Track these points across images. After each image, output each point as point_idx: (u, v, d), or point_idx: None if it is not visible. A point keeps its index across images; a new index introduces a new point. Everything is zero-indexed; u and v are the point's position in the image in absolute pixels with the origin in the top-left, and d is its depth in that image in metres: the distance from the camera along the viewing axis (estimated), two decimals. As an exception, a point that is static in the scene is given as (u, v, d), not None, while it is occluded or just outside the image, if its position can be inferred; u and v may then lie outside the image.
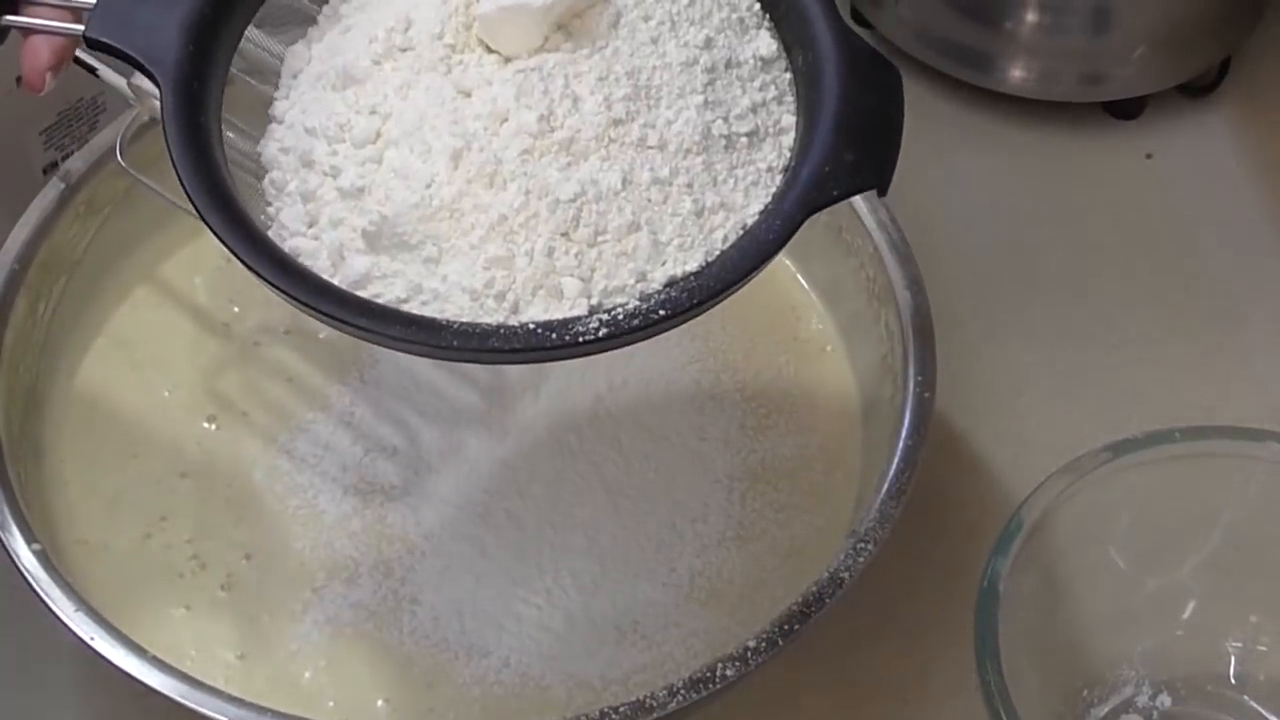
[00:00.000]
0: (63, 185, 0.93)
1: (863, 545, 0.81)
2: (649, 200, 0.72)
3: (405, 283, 0.71)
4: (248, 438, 0.92)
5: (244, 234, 0.71)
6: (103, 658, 0.78)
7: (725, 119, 0.74)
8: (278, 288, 0.70)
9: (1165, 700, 0.86)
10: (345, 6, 0.78)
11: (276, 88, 0.78)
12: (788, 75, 0.77)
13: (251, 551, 0.88)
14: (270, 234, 0.73)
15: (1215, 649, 0.86)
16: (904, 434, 0.85)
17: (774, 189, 0.73)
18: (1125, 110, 1.12)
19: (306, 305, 0.70)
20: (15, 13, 0.77)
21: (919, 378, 0.87)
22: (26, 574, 0.81)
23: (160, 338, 0.95)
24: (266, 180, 0.75)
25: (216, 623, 0.86)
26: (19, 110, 0.78)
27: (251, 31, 0.78)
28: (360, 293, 0.71)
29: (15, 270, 0.90)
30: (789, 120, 0.75)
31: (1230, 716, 0.86)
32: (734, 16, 0.76)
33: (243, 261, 0.70)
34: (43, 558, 0.81)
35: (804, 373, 0.95)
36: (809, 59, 0.76)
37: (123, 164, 0.88)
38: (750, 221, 0.73)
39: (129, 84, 0.87)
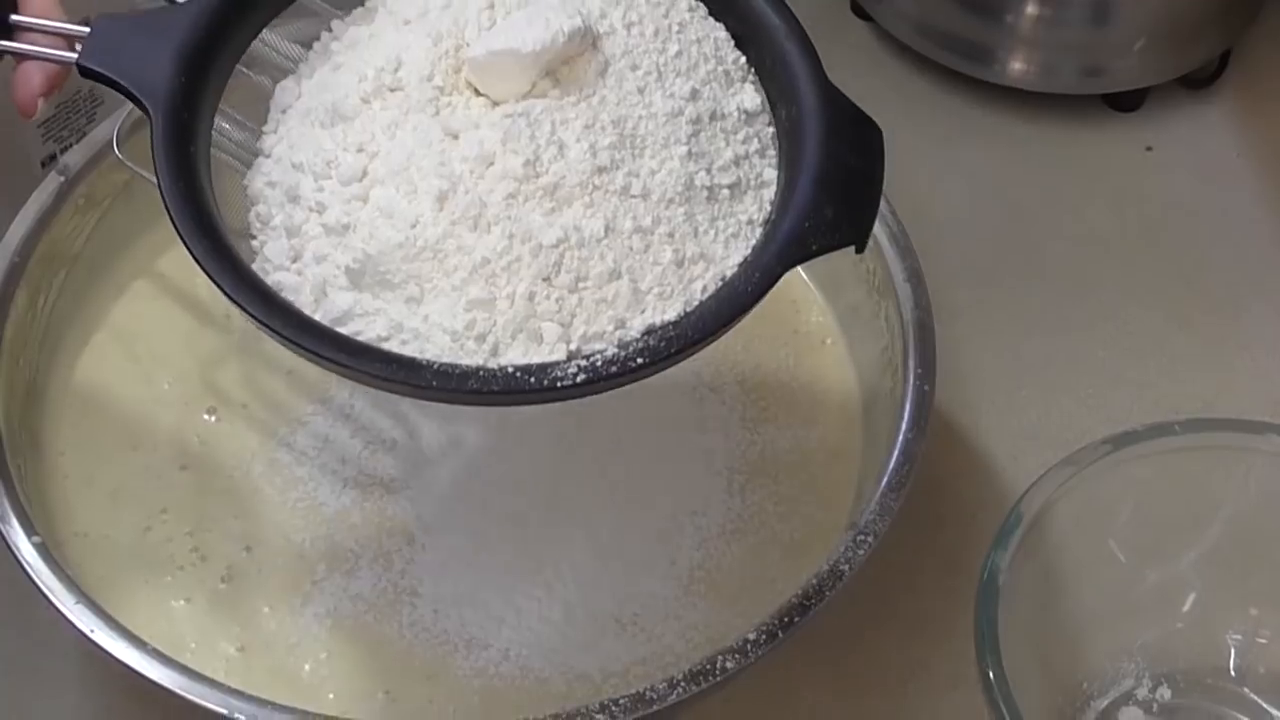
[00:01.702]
0: (61, 178, 0.93)
1: (863, 538, 0.81)
2: (630, 249, 0.72)
3: (386, 321, 0.71)
4: (248, 430, 0.92)
5: (228, 266, 0.72)
6: (103, 650, 0.78)
7: (708, 170, 0.74)
8: (260, 321, 0.71)
9: (1165, 693, 0.86)
10: (336, 44, 0.78)
11: (267, 114, 0.78)
12: (770, 129, 0.77)
13: (251, 544, 0.88)
14: (254, 267, 0.73)
15: (1215, 641, 0.86)
16: (904, 427, 0.85)
17: (753, 241, 0.74)
18: (1125, 103, 1.12)
19: (287, 340, 0.71)
20: (9, 38, 0.78)
21: (919, 370, 0.87)
22: (26, 566, 0.81)
23: (160, 330, 0.95)
24: (252, 214, 0.75)
25: (216, 615, 0.86)
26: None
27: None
28: (341, 329, 0.72)
29: (15, 263, 0.90)
30: (770, 174, 0.76)
31: (1230, 709, 0.86)
32: (720, 69, 0.77)
33: (225, 293, 0.71)
34: (43, 550, 0.81)
35: (804, 365, 0.95)
36: (792, 114, 0.76)
37: (119, 156, 0.88)
38: (729, 273, 0.73)
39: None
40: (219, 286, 0.71)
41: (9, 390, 0.88)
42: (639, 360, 0.71)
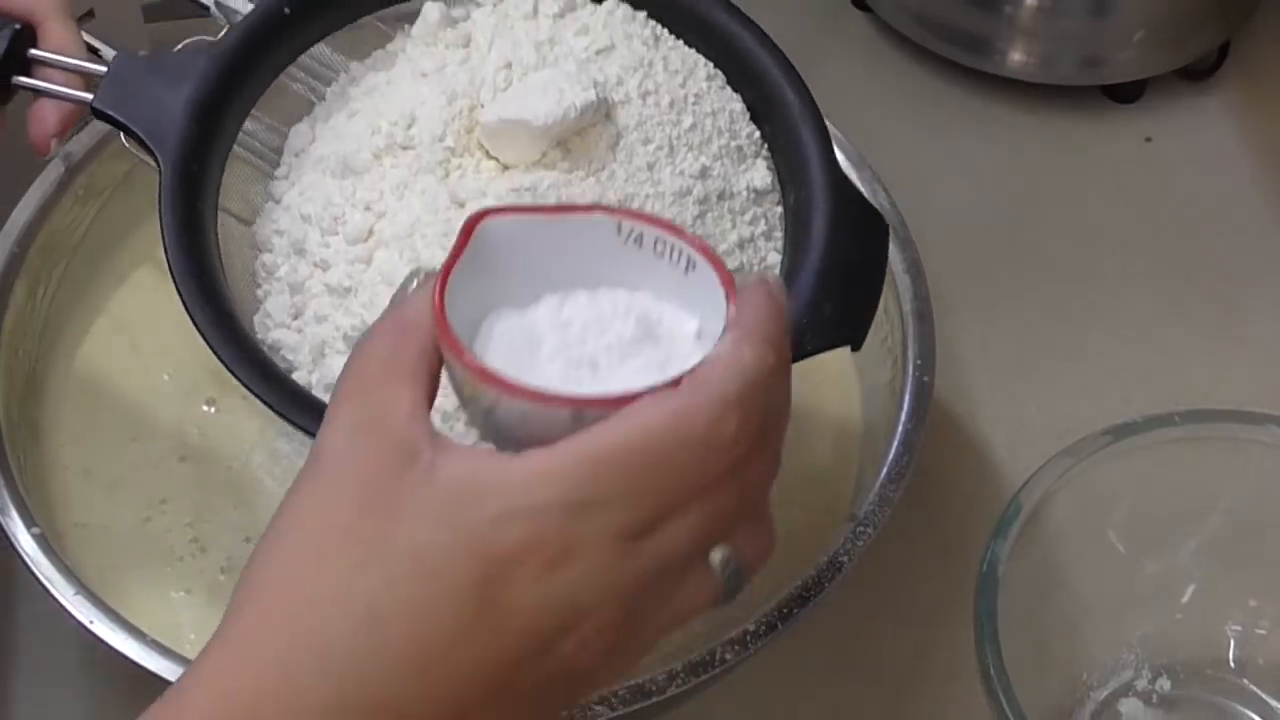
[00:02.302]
0: (63, 168, 0.93)
1: (862, 529, 0.81)
2: None
3: None
4: (247, 421, 0.92)
5: (229, 336, 0.72)
6: (102, 641, 0.78)
7: None
8: (257, 395, 0.71)
9: (1165, 684, 0.86)
10: (354, 89, 0.78)
11: (279, 161, 0.78)
12: (779, 209, 0.77)
13: (251, 535, 0.88)
14: (256, 319, 0.73)
15: (1215, 633, 0.86)
16: (903, 417, 0.85)
17: None
18: (1125, 94, 1.12)
19: (283, 416, 0.71)
20: (27, 74, 0.78)
21: (918, 361, 0.87)
22: (26, 557, 0.81)
23: (160, 320, 0.95)
24: (258, 262, 0.75)
25: (216, 606, 0.86)
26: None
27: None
28: None
29: (15, 253, 0.90)
30: (774, 258, 0.75)
31: (1230, 700, 0.86)
32: (733, 144, 0.76)
33: (225, 364, 0.71)
34: (42, 541, 0.81)
35: (803, 356, 0.95)
36: (800, 198, 0.75)
37: (125, 142, 0.88)
38: None
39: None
40: (218, 356, 0.71)
41: (8, 381, 0.88)
42: None
